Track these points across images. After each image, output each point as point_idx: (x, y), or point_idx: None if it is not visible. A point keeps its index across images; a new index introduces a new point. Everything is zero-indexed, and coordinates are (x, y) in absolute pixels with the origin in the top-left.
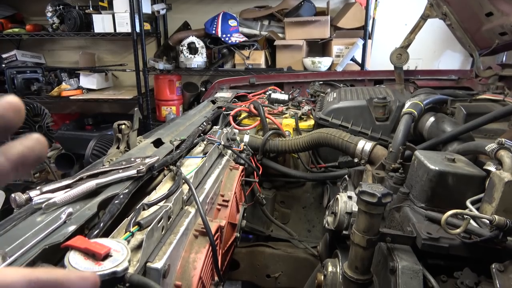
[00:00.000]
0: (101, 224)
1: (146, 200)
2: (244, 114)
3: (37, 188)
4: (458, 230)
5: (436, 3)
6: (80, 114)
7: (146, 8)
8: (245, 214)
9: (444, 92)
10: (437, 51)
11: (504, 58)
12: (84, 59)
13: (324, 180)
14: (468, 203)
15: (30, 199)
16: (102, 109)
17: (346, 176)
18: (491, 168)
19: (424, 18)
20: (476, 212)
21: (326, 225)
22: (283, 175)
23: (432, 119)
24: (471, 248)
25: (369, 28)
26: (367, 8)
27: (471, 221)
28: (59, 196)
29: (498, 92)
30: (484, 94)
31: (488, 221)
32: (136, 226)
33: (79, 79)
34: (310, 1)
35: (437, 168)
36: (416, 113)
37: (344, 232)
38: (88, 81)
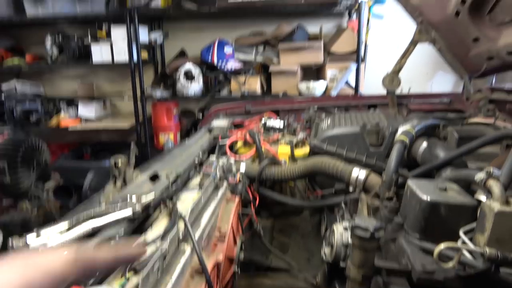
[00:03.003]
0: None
1: (141, 239)
2: (240, 143)
3: (34, 231)
4: (451, 264)
5: (425, 28)
6: (79, 144)
7: (144, 37)
8: (243, 247)
9: (436, 116)
10: (429, 73)
11: (493, 81)
12: (82, 88)
13: (322, 208)
14: (461, 233)
15: (26, 243)
16: (101, 138)
17: (342, 203)
18: (482, 197)
19: (414, 43)
20: (468, 243)
21: (324, 257)
22: (280, 204)
23: (424, 144)
24: (466, 281)
25: (362, 52)
26: (359, 32)
27: (465, 253)
28: (56, 240)
29: (489, 114)
30: (476, 118)
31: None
32: (132, 272)
33: (77, 109)
34: (303, 27)
35: (429, 199)
36: (407, 141)
37: (341, 264)
38: (86, 110)
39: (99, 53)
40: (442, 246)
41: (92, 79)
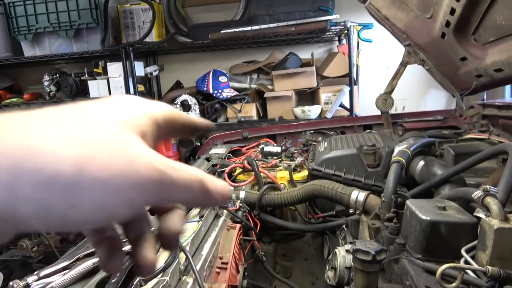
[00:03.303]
0: None
1: None
2: (238, 170)
3: (35, 273)
4: (454, 284)
5: (413, 50)
6: None
7: (139, 71)
8: (245, 274)
9: (431, 133)
10: (422, 91)
11: (485, 96)
12: None
13: (323, 231)
14: (463, 251)
15: (28, 286)
16: None
17: (343, 226)
18: (481, 215)
19: (403, 64)
20: (471, 262)
21: (328, 280)
22: (282, 228)
23: (422, 163)
24: None
25: (354, 75)
26: (349, 56)
27: (469, 271)
28: (57, 281)
29: (483, 130)
30: (470, 133)
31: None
32: None
33: None
34: (295, 53)
35: (428, 218)
36: (404, 161)
37: (346, 287)
38: None
39: (96, 88)
40: (444, 267)
41: None
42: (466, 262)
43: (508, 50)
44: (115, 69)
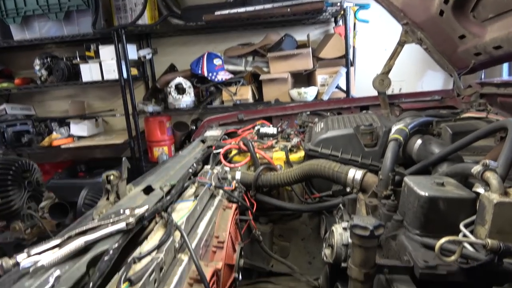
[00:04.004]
0: (91, 285)
1: (137, 252)
2: (234, 151)
3: (25, 251)
4: (453, 258)
5: (411, 29)
6: (73, 162)
7: (132, 54)
8: (242, 253)
9: (428, 113)
10: (419, 72)
11: (483, 76)
12: (73, 107)
13: (320, 210)
14: (462, 226)
15: (17, 264)
16: (94, 154)
17: (340, 205)
18: (480, 190)
19: (401, 44)
20: (470, 237)
21: (324, 258)
22: (278, 209)
23: (419, 141)
24: (469, 273)
25: (350, 56)
26: (346, 37)
27: (467, 245)
28: (47, 258)
29: (481, 109)
30: (468, 112)
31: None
32: (127, 283)
33: (69, 128)
34: (291, 35)
35: (427, 194)
36: (401, 139)
37: (343, 264)
38: (78, 128)
39: (89, 72)
40: (443, 240)
41: (83, 98)
42: (465, 236)
43: (507, 26)
44: (107, 52)
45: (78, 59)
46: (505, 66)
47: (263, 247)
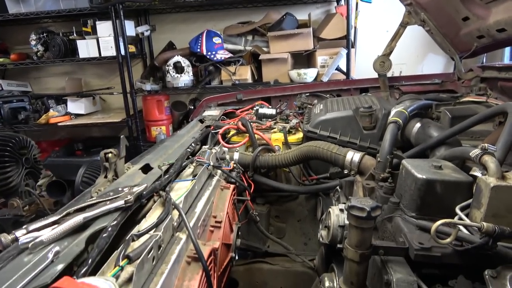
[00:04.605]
0: (90, 261)
1: (135, 229)
2: (232, 132)
3: (24, 227)
4: (448, 240)
5: (414, 10)
6: (70, 140)
7: (130, 31)
8: (239, 233)
9: (428, 97)
10: (420, 55)
11: (484, 60)
12: (70, 84)
13: (317, 192)
14: (457, 209)
15: (16, 239)
16: (92, 133)
17: (337, 187)
18: (477, 173)
19: (403, 25)
20: (465, 220)
21: (321, 239)
22: (275, 190)
23: (418, 125)
24: (464, 256)
25: (352, 37)
26: (348, 18)
27: (462, 228)
28: (46, 234)
29: (481, 93)
30: (468, 96)
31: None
32: (126, 260)
33: (66, 105)
34: (292, 14)
35: (424, 177)
36: (401, 121)
37: (338, 245)
38: (76, 106)
39: (86, 48)
40: (439, 222)
41: (80, 75)
42: (461, 219)
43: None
44: (104, 28)
45: (75, 34)
46: (507, 50)
47: (259, 227)
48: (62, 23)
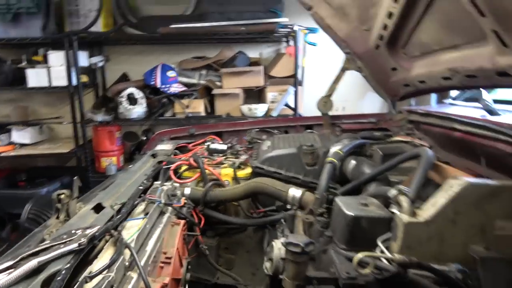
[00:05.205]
0: None
1: (88, 270)
2: (184, 167)
3: None
4: (367, 270)
5: (352, 58)
6: (11, 170)
7: (83, 61)
8: (189, 267)
9: (363, 135)
10: (361, 93)
11: (413, 102)
12: (16, 113)
13: (264, 224)
14: (379, 241)
15: None
16: (36, 163)
17: (282, 220)
18: (395, 210)
19: (343, 70)
20: (384, 251)
21: (265, 270)
22: (225, 223)
23: (353, 162)
24: (384, 283)
25: (299, 76)
26: (296, 58)
27: (383, 258)
28: (3, 279)
29: (409, 133)
30: (398, 136)
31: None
32: None
33: (10, 134)
34: (244, 52)
35: (352, 214)
36: (336, 161)
37: (280, 276)
38: (21, 135)
39: (35, 77)
40: (359, 255)
41: (27, 103)
42: (382, 251)
43: (429, 65)
44: (56, 58)
45: (25, 62)
46: (433, 95)
47: (209, 260)
48: (11, 49)
